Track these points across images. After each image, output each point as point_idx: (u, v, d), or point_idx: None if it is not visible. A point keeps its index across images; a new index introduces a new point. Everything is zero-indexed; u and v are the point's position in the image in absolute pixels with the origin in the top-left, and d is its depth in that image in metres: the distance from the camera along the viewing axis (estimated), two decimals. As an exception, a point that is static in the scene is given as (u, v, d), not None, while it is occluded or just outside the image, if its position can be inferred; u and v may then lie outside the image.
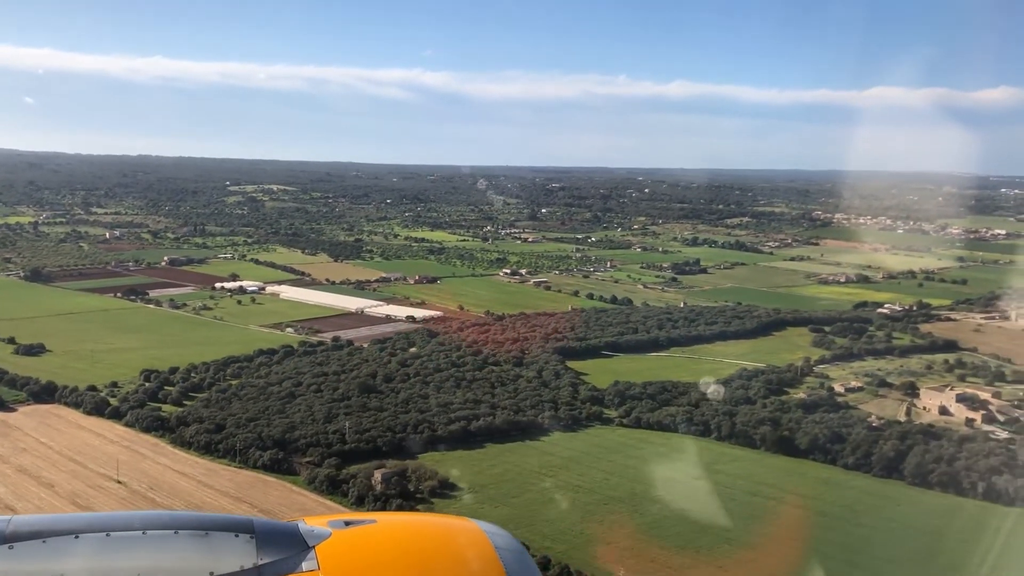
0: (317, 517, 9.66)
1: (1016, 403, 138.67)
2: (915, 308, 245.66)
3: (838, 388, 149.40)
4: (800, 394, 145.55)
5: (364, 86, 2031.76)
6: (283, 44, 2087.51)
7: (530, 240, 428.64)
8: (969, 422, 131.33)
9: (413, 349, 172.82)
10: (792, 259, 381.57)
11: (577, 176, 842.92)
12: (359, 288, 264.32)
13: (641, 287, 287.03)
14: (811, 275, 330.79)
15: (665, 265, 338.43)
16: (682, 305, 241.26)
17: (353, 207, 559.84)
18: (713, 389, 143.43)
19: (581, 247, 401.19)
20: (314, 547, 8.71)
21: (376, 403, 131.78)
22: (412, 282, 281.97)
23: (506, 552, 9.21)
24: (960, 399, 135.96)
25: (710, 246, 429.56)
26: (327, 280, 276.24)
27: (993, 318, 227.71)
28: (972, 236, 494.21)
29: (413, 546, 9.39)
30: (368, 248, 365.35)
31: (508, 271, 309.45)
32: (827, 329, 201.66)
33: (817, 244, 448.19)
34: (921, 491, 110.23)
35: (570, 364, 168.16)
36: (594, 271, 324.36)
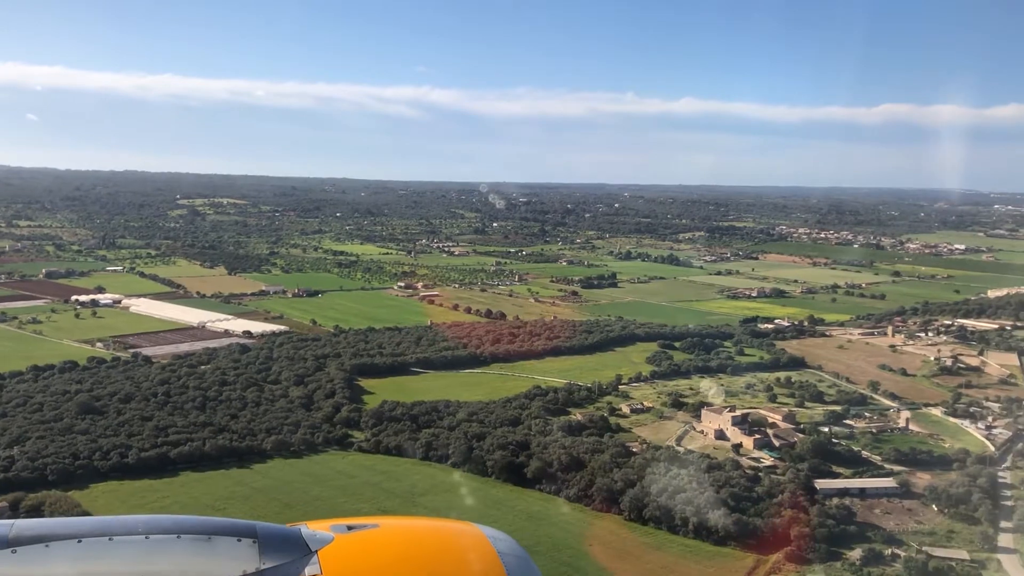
0: (320, 521, 9.40)
1: (799, 427, 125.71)
2: (804, 323, 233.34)
3: (624, 409, 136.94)
4: (577, 416, 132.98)
5: (373, 103, 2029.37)
6: (293, 62, 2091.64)
7: (457, 253, 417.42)
8: (736, 447, 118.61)
9: (205, 367, 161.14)
10: (718, 273, 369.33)
11: (564, 192, 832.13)
12: (226, 302, 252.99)
13: (532, 301, 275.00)
14: (725, 289, 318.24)
15: (576, 279, 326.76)
16: (551, 319, 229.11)
17: (299, 220, 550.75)
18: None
19: (504, 261, 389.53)
20: (317, 552, 8.54)
21: (86, 425, 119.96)
22: (291, 295, 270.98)
23: (509, 557, 8.99)
24: (736, 422, 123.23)
25: (643, 260, 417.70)
26: (198, 293, 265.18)
27: (872, 334, 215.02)
28: (928, 251, 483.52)
29: (415, 550, 9.17)
30: (275, 261, 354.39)
31: (402, 284, 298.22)
32: (677, 345, 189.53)
33: (756, 258, 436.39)
34: (633, 527, 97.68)
35: (365, 382, 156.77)
36: (497, 284, 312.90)
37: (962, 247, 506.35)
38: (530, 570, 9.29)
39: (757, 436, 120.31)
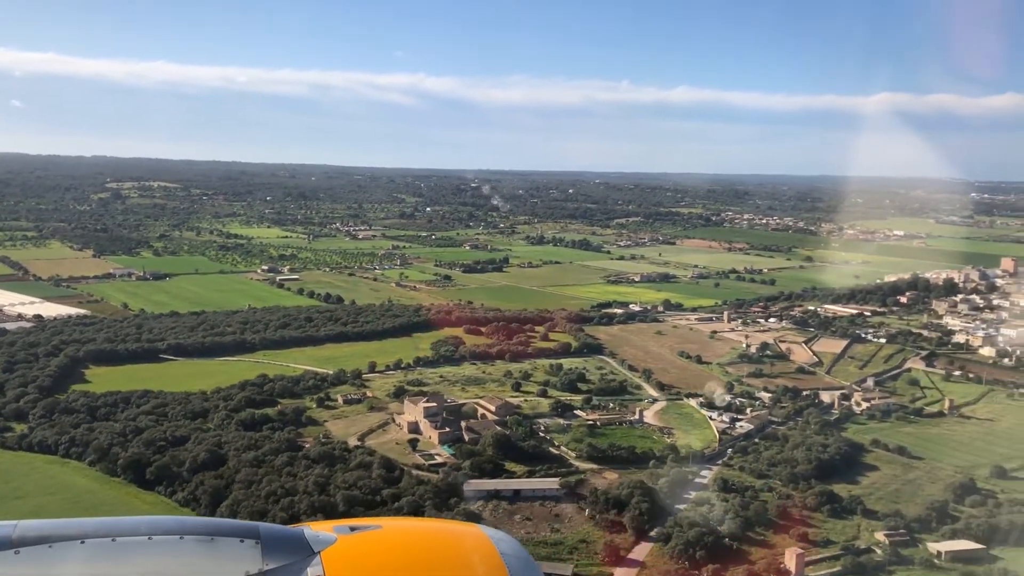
0: (323, 523, 9.36)
1: (503, 419, 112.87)
2: (658, 308, 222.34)
3: (339, 400, 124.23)
4: (280, 406, 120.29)
5: (367, 91, 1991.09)
6: (287, 49, 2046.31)
7: (362, 237, 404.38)
8: (414, 443, 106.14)
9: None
10: (622, 258, 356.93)
11: (533, 179, 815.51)
12: (57, 285, 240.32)
13: (393, 285, 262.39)
14: (613, 274, 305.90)
15: (462, 263, 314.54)
16: (387, 302, 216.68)
17: (224, 204, 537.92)
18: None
19: (405, 245, 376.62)
20: (319, 553, 8.45)
21: None
22: (135, 278, 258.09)
23: (511, 558, 8.87)
24: (430, 414, 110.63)
25: (555, 244, 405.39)
26: (35, 276, 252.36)
27: (710, 319, 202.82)
28: (863, 237, 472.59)
29: (418, 552, 9.11)
30: (155, 244, 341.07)
31: (266, 268, 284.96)
32: (484, 330, 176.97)
33: (675, 243, 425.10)
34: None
35: (97, 369, 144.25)
36: (374, 268, 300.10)
37: (901, 233, 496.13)
38: (532, 571, 9.10)
39: (446, 429, 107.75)
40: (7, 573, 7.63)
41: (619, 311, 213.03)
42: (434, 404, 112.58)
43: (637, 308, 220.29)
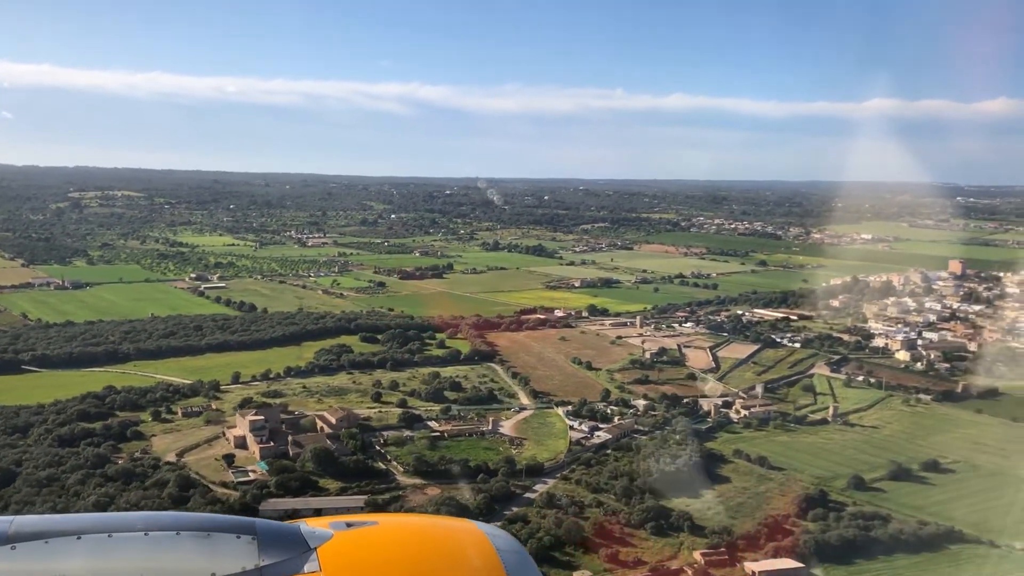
0: (319, 519, 9.19)
1: (336, 432, 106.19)
2: (582, 313, 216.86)
3: (178, 413, 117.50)
4: (116, 419, 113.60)
5: (362, 100, 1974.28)
6: (282, 59, 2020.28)
7: (311, 244, 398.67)
8: (229, 459, 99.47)
9: None
10: (571, 263, 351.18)
11: (520, 186, 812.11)
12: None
13: (320, 292, 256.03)
14: (555, 279, 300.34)
15: (401, 269, 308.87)
16: (299, 310, 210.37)
17: (185, 212, 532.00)
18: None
19: (353, 252, 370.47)
20: (316, 549, 8.35)
21: None
22: (52, 288, 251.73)
23: (507, 554, 8.78)
24: (256, 428, 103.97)
25: (510, 251, 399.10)
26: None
27: (624, 325, 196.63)
28: (828, 241, 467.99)
29: (414, 548, 9.01)
30: (93, 252, 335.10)
31: (194, 276, 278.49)
32: (380, 337, 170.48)
33: (631, 249, 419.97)
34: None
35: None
36: (309, 276, 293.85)
37: (868, 236, 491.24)
38: (528, 567, 8.94)
39: (271, 444, 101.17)
40: (4, 569, 7.41)
41: (539, 316, 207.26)
42: (261, 417, 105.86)
43: (560, 313, 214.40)
